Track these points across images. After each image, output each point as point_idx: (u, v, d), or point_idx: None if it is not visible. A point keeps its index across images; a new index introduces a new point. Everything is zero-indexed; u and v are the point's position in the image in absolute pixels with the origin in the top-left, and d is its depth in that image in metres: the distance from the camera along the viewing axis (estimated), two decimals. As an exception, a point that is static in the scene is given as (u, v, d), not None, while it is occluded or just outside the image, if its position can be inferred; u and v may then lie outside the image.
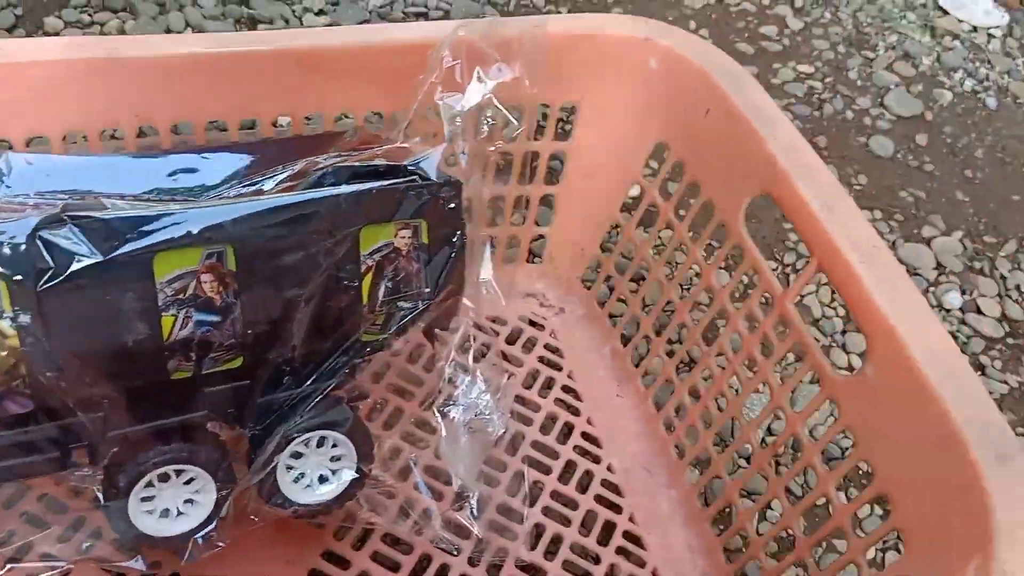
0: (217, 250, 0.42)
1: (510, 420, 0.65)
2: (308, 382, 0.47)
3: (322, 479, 0.50)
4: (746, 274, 0.84)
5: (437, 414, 0.56)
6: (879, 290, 0.47)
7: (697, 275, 0.59)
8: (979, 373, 0.86)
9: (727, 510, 0.58)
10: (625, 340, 0.69)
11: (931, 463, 0.43)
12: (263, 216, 0.43)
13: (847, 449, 0.73)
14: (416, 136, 0.49)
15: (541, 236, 0.72)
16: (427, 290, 0.48)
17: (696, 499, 0.61)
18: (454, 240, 0.48)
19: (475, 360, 0.56)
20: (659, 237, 0.72)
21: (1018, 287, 0.97)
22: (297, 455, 0.49)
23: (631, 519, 0.60)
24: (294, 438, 0.47)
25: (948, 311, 0.93)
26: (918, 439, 0.44)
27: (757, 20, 1.19)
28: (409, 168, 0.46)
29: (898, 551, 0.68)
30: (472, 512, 0.57)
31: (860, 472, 0.73)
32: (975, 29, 1.25)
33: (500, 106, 0.49)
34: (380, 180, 0.45)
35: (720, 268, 0.60)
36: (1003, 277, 0.97)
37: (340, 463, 0.50)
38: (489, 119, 0.50)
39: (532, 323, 0.72)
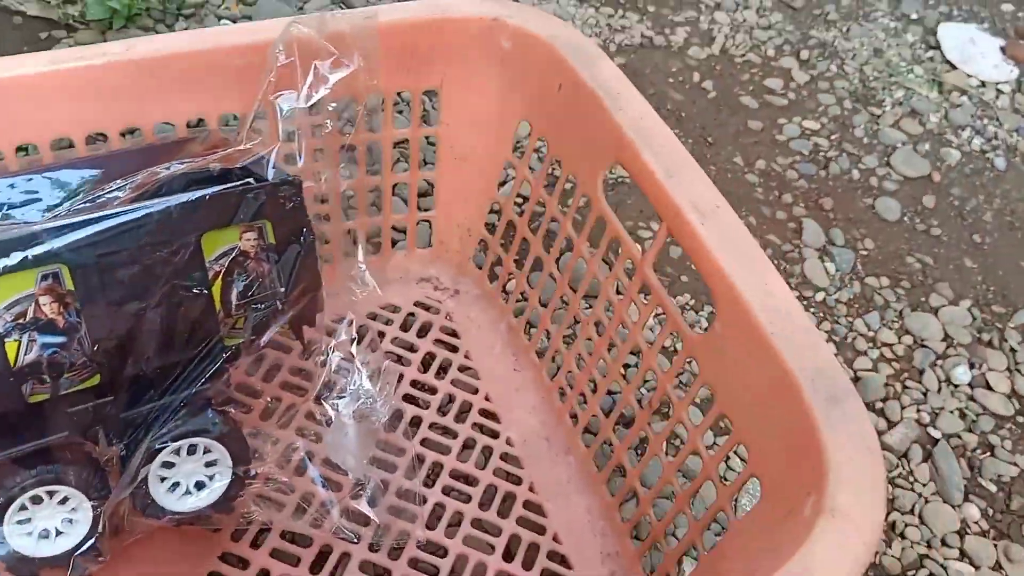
0: (52, 271, 0.42)
1: (406, 405, 0.66)
2: (170, 392, 0.47)
3: (199, 485, 0.50)
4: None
5: (325, 406, 0.56)
6: (721, 248, 0.47)
7: (570, 248, 0.60)
8: (988, 453, 0.82)
9: (621, 470, 0.59)
10: (519, 314, 0.70)
11: (774, 411, 0.44)
12: (94, 233, 0.42)
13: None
14: (258, 136, 0.48)
15: (427, 220, 0.72)
16: (281, 289, 0.48)
17: (592, 463, 0.61)
18: (301, 238, 0.47)
19: (355, 350, 0.56)
20: (535, 213, 0.72)
21: None
22: (169, 464, 0.48)
23: (531, 488, 0.61)
24: (160, 449, 0.47)
25: (957, 386, 0.87)
26: (762, 389, 0.45)
27: (762, 72, 1.17)
28: (243, 171, 0.45)
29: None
30: (369, 499, 0.57)
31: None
32: (983, 84, 1.20)
33: (336, 100, 0.49)
34: (214, 185, 0.45)
35: (588, 243, 0.60)
36: (1012, 350, 0.92)
37: (215, 468, 0.50)
38: (331, 113, 0.50)
39: (427, 307, 0.72)
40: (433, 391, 0.67)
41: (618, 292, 0.58)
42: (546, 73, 0.58)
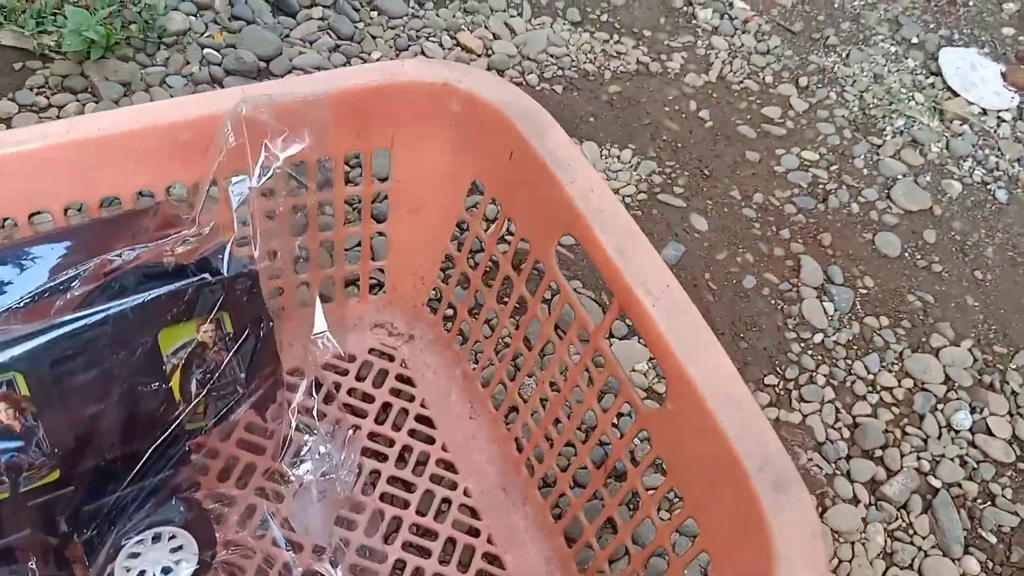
0: (6, 379, 0.41)
1: (364, 458, 0.66)
2: (135, 481, 0.47)
3: (165, 571, 0.50)
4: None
5: (287, 470, 0.57)
6: (671, 331, 0.49)
7: (525, 306, 0.61)
8: (989, 503, 0.81)
9: (577, 523, 0.61)
10: (475, 360, 0.71)
11: (722, 493, 0.46)
12: (48, 341, 0.42)
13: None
14: (210, 221, 0.48)
15: (382, 269, 0.72)
16: (242, 375, 0.48)
17: (548, 513, 0.63)
18: (260, 326, 0.48)
19: (321, 415, 0.56)
20: (488, 268, 0.72)
21: None
22: (135, 554, 0.49)
23: (489, 540, 0.63)
24: (124, 545, 0.47)
25: (957, 432, 0.86)
26: (711, 471, 0.47)
27: (760, 100, 1.14)
28: (198, 265, 0.45)
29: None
30: (331, 560, 0.58)
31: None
32: (985, 112, 1.18)
33: (292, 173, 0.49)
34: (170, 281, 0.45)
35: (543, 303, 0.62)
36: (1014, 393, 0.90)
37: (181, 554, 0.50)
38: (283, 187, 0.50)
39: (383, 354, 0.73)
40: (391, 443, 0.67)
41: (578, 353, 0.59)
42: (497, 138, 0.59)
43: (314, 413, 0.58)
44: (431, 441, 0.68)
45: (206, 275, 0.45)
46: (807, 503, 0.44)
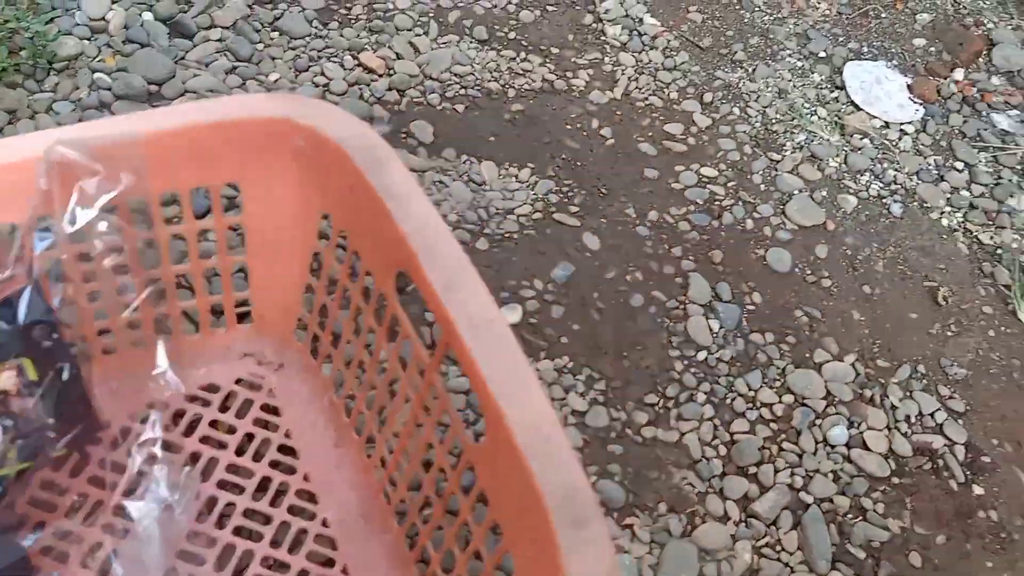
0: None
1: (221, 492, 0.66)
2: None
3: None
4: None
5: (128, 507, 0.57)
6: (488, 365, 0.49)
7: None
8: (860, 518, 0.82)
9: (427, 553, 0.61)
10: (341, 387, 0.71)
11: (531, 528, 0.47)
12: None
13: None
14: (23, 265, 0.48)
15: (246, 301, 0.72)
16: (49, 420, 0.48)
17: (404, 542, 0.63)
18: (63, 371, 0.47)
19: (176, 447, 0.56)
20: (345, 300, 0.72)
21: (907, 418, 0.91)
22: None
23: (344, 570, 0.63)
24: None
25: (833, 447, 0.87)
26: (520, 505, 0.47)
27: (664, 117, 1.15)
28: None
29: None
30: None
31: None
32: (887, 125, 1.19)
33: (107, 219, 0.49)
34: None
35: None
36: (893, 407, 0.91)
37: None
38: (99, 230, 0.50)
39: (250, 384, 0.72)
40: (249, 474, 0.67)
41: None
42: (337, 173, 0.59)
43: (156, 449, 0.58)
44: (292, 472, 0.68)
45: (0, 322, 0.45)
46: (606, 541, 0.45)
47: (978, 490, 0.87)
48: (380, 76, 1.09)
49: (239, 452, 0.69)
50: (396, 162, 0.59)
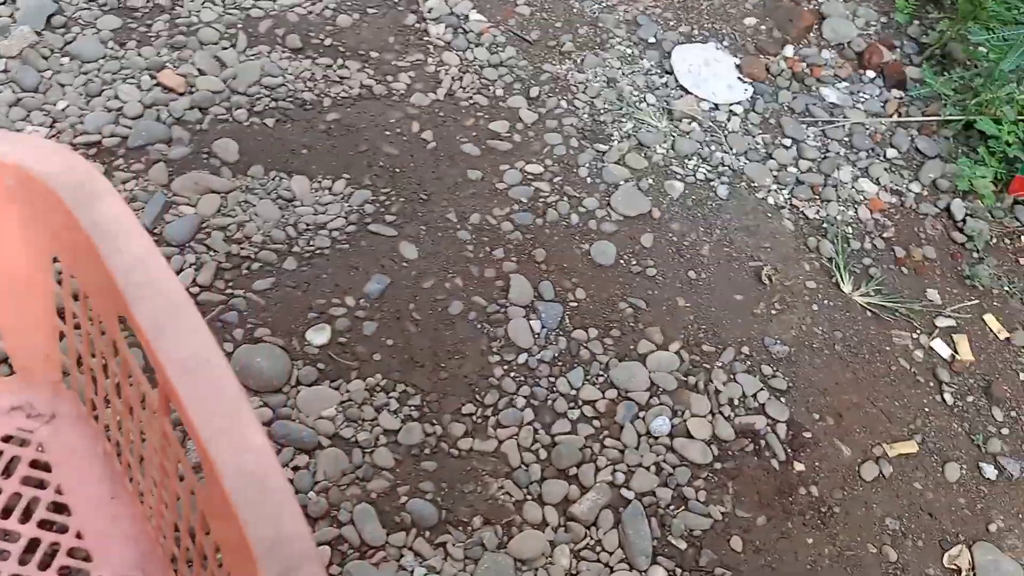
0: None
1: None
2: None
3: None
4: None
5: None
6: (197, 410, 0.47)
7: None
8: (682, 508, 0.83)
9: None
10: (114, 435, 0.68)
11: (248, 574, 0.44)
12: None
13: None
14: None
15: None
16: None
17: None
18: None
19: None
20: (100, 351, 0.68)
21: (731, 402, 0.91)
22: None
23: (123, 629, 0.59)
24: None
25: (656, 439, 0.87)
26: (237, 552, 0.45)
27: (488, 115, 1.14)
28: None
29: None
30: None
31: None
32: (716, 107, 1.20)
33: None
34: None
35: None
36: (717, 391, 0.92)
37: None
38: None
39: (20, 441, 0.68)
40: (16, 538, 0.63)
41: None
42: (53, 211, 0.56)
43: None
44: (64, 531, 0.65)
45: None
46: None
47: (799, 467, 0.88)
48: (181, 95, 1.05)
49: (5, 514, 0.65)
50: (111, 196, 0.55)
